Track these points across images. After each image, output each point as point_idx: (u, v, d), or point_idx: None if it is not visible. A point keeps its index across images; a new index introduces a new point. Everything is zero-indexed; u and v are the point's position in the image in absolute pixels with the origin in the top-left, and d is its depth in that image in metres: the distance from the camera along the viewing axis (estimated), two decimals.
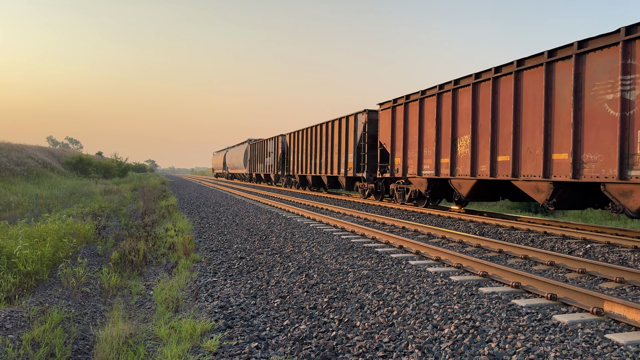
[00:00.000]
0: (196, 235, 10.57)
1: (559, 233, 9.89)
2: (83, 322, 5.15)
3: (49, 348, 4.18)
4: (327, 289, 5.90)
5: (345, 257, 7.78)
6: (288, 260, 7.74)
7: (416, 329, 4.46)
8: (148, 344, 4.36)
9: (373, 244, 9.15)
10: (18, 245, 6.96)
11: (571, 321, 4.56)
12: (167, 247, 8.94)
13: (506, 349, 3.91)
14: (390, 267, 7.05)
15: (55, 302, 5.52)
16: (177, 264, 7.50)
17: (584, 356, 3.74)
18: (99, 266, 7.66)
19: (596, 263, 6.79)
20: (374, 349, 4.05)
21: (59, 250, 7.81)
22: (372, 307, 5.15)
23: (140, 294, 6.19)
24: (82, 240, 9.39)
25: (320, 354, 3.96)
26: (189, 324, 4.45)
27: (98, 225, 11.13)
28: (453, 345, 4.00)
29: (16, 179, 26.19)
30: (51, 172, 34.94)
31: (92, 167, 44.52)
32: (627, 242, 8.58)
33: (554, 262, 7.32)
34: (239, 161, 48.86)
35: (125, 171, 55.16)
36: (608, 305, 4.80)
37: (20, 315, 4.78)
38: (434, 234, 10.32)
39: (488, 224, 11.80)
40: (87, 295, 6.07)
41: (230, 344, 4.15)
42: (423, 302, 5.22)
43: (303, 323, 4.72)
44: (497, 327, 4.39)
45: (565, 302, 5.16)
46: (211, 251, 8.72)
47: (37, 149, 43.14)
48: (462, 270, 6.88)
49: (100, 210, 15.40)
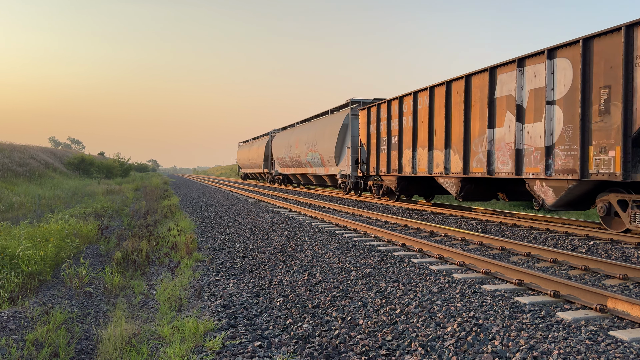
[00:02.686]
0: (198, 235, 10.58)
1: (561, 230, 9.87)
2: (86, 322, 5.16)
3: (53, 348, 4.18)
4: (330, 288, 5.90)
5: (347, 256, 7.77)
6: (290, 259, 7.74)
7: (419, 327, 4.45)
8: (151, 344, 4.36)
9: (375, 242, 9.14)
10: (21, 245, 6.98)
11: (574, 318, 4.55)
12: (169, 246, 8.95)
13: (509, 346, 3.90)
14: (392, 265, 7.04)
15: (59, 303, 5.52)
16: (179, 264, 7.51)
17: (587, 353, 3.73)
18: (102, 266, 7.67)
19: (599, 260, 6.77)
20: (377, 347, 4.05)
21: (61, 250, 7.82)
22: (374, 306, 5.15)
23: (143, 294, 6.20)
24: (85, 240, 9.41)
25: (323, 352, 3.95)
26: (192, 323, 4.46)
27: (101, 226, 11.14)
28: (456, 343, 4.00)
29: (19, 179, 26.24)
30: (53, 173, 35.00)
31: (95, 168, 44.59)
32: (631, 239, 8.55)
33: (557, 259, 7.30)
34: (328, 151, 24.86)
35: (127, 171, 55.24)
36: (611, 302, 4.79)
37: (24, 315, 4.79)
38: (437, 231, 10.31)
39: (490, 221, 11.79)
40: (90, 296, 6.08)
41: (234, 343, 4.15)
42: (426, 300, 5.21)
43: (306, 322, 4.72)
44: (500, 325, 4.38)
45: (569, 300, 5.15)
46: (214, 250, 8.72)
47: (39, 150, 43.21)
48: (464, 268, 6.87)
49: (102, 211, 15.42)
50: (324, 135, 24.41)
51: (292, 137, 31.18)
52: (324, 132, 24.34)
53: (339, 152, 22.61)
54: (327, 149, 23.70)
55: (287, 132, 33.66)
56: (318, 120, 27.16)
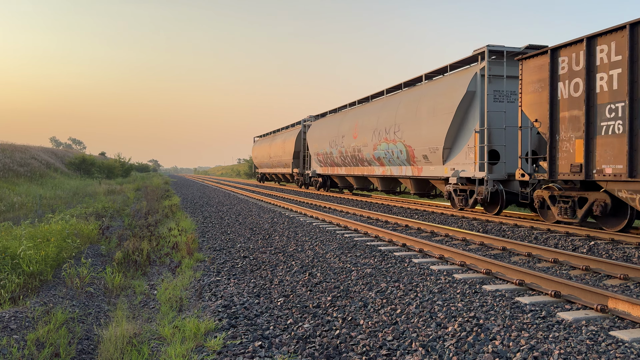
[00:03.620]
0: (199, 235, 10.59)
1: (562, 230, 9.86)
2: (87, 322, 5.17)
3: (54, 348, 4.19)
4: (331, 288, 5.90)
5: (348, 256, 7.77)
6: (291, 259, 7.75)
7: (420, 327, 4.45)
8: (152, 344, 4.37)
9: (376, 242, 9.14)
10: (22, 246, 6.99)
11: (575, 318, 4.54)
12: (170, 246, 8.96)
13: (510, 346, 3.90)
14: (393, 265, 7.04)
15: (60, 302, 5.53)
16: (180, 264, 7.52)
17: (588, 353, 3.73)
18: (103, 266, 7.68)
19: (600, 260, 6.76)
20: (378, 347, 4.05)
21: (62, 250, 7.83)
22: (375, 306, 5.15)
23: (144, 294, 6.21)
24: (86, 240, 9.42)
25: (324, 352, 3.96)
26: (193, 323, 4.46)
27: (101, 226, 11.15)
28: (457, 343, 4.00)
29: (20, 179, 26.27)
30: (54, 173, 35.02)
31: (96, 168, 44.65)
32: (632, 238, 8.55)
33: (558, 259, 7.30)
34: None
35: (128, 171, 55.31)
36: (612, 302, 4.79)
37: (25, 315, 4.79)
38: (437, 231, 10.30)
39: (491, 221, 11.78)
40: (91, 296, 6.09)
41: (234, 343, 4.15)
42: (427, 300, 5.21)
43: (307, 322, 4.72)
44: (501, 325, 4.38)
45: (570, 300, 5.15)
46: (214, 250, 8.73)
47: (40, 150, 43.23)
48: (465, 268, 6.87)
49: (103, 211, 15.45)
50: (418, 114, 15.73)
51: (343, 124, 22.62)
52: (420, 108, 15.60)
53: (451, 140, 14.16)
54: (426, 135, 15.19)
55: (333, 119, 24.96)
56: (404, 94, 17.73)
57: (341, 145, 22.63)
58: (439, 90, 14.84)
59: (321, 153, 25.81)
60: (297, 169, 31.74)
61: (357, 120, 21.12)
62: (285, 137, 33.91)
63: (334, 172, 24.73)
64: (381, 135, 18.36)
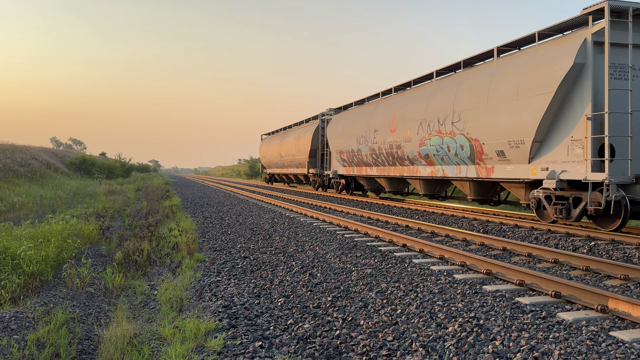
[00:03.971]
0: (200, 235, 10.59)
1: (562, 230, 9.86)
2: (87, 322, 5.17)
3: (54, 348, 4.19)
4: (331, 288, 5.90)
5: (348, 256, 7.77)
6: (291, 259, 7.75)
7: (420, 327, 4.45)
8: (152, 344, 4.37)
9: (376, 243, 9.14)
10: (22, 246, 6.99)
11: (575, 319, 4.54)
12: (170, 247, 8.96)
13: (510, 347, 3.90)
14: (393, 265, 7.04)
15: (60, 303, 5.53)
16: (180, 264, 7.52)
17: (588, 354, 3.73)
18: (103, 266, 7.68)
19: (600, 260, 6.76)
20: (378, 347, 4.05)
21: (63, 250, 7.83)
22: (375, 306, 5.15)
23: (144, 294, 6.21)
24: (86, 240, 9.42)
25: (324, 352, 3.96)
26: (193, 323, 4.46)
27: (102, 226, 11.16)
28: (457, 344, 4.00)
29: (20, 180, 26.27)
30: (55, 173, 35.04)
31: (96, 168, 44.65)
32: (632, 239, 8.54)
33: (558, 259, 7.30)
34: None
35: (128, 171, 55.31)
36: (613, 303, 4.79)
37: (25, 315, 4.80)
38: (438, 232, 10.30)
39: (492, 222, 11.78)
40: (91, 296, 6.09)
41: (234, 343, 4.15)
42: (427, 301, 5.21)
43: (307, 322, 4.72)
44: (501, 325, 4.38)
45: (570, 300, 5.15)
46: (215, 251, 8.73)
47: (40, 150, 43.24)
48: (466, 269, 6.87)
49: (104, 211, 15.45)
50: (490, 98, 12.14)
51: (375, 116, 19.05)
52: (495, 91, 12.01)
53: (544, 131, 10.63)
54: (504, 125, 11.59)
55: (361, 110, 21.20)
56: (463, 74, 14.00)
57: (373, 141, 18.97)
58: (526, 64, 11.12)
59: (345, 151, 21.92)
60: (314, 169, 28.06)
61: (395, 111, 17.31)
62: (299, 133, 30.06)
63: (362, 172, 20.85)
64: (431, 128, 14.74)
